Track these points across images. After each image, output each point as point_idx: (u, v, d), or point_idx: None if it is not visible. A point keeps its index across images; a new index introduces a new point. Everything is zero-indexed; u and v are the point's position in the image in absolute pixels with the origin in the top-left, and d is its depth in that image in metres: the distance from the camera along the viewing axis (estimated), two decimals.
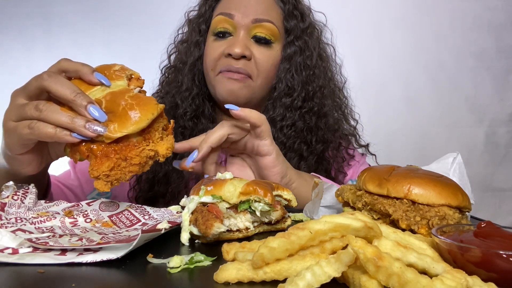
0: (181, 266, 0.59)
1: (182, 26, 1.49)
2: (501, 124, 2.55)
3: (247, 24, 1.26)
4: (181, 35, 1.48)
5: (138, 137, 0.77)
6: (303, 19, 1.36)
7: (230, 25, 1.27)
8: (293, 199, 0.85)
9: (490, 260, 0.50)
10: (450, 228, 0.62)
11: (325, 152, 1.36)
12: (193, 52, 1.36)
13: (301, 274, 0.48)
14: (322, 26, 1.45)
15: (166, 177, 1.31)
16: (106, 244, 0.64)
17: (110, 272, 0.59)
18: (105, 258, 0.61)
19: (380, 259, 0.46)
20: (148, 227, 0.77)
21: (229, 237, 0.74)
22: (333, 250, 0.55)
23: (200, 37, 1.37)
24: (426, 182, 0.70)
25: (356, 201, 0.76)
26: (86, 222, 0.83)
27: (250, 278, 0.53)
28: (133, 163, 0.76)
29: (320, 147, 1.33)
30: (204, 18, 1.37)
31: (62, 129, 0.73)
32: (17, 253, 0.63)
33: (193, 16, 1.44)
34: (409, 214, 0.68)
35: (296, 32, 1.33)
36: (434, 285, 0.45)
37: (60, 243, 0.67)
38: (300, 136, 1.31)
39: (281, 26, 1.32)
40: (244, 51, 1.23)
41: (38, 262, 0.60)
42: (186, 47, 1.40)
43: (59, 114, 0.73)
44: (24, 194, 0.84)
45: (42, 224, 0.79)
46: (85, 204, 0.89)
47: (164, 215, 0.87)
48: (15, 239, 0.65)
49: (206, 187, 0.76)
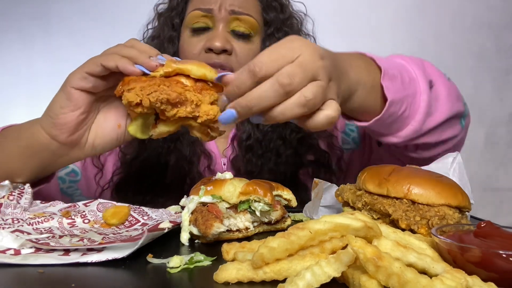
0: (181, 266, 0.59)
1: (152, 21, 1.39)
2: (501, 124, 2.55)
3: (225, 16, 1.21)
4: (151, 31, 1.38)
5: (191, 83, 0.73)
6: (283, 10, 1.32)
7: (208, 19, 1.22)
8: (293, 199, 0.85)
9: (490, 260, 0.50)
10: (450, 228, 0.62)
11: (304, 141, 1.29)
12: (167, 49, 1.28)
13: (301, 274, 0.48)
14: (302, 16, 1.40)
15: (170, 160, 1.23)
16: (110, 243, 0.64)
17: (110, 272, 0.59)
18: (110, 257, 0.61)
19: (380, 259, 0.46)
20: (149, 227, 0.77)
21: (229, 237, 0.74)
22: (333, 250, 0.55)
23: (174, 32, 1.30)
24: (426, 182, 0.70)
25: (356, 201, 0.76)
26: (84, 223, 0.83)
27: (250, 278, 0.53)
28: (173, 90, 0.69)
29: (295, 136, 1.26)
30: (177, 11, 1.30)
31: (127, 60, 0.75)
32: (20, 254, 0.62)
33: (164, 10, 1.36)
34: (409, 214, 0.68)
35: (276, 24, 1.29)
36: (434, 285, 0.45)
37: (61, 243, 0.66)
38: (277, 131, 1.26)
39: (260, 18, 1.28)
40: (225, 45, 1.19)
41: (42, 262, 0.60)
42: (158, 44, 1.30)
43: (128, 48, 0.76)
44: (20, 194, 0.83)
45: (40, 225, 0.79)
46: (81, 205, 0.89)
47: (163, 215, 0.87)
48: (16, 240, 0.65)
49: (206, 187, 0.76)
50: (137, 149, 1.25)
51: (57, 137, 0.83)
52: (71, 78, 0.80)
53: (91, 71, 0.79)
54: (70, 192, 1.26)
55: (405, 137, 0.96)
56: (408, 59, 0.99)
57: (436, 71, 1.02)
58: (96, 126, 0.86)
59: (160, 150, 1.25)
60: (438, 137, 1.01)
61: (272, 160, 1.25)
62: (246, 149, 1.25)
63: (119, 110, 0.87)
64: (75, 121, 0.82)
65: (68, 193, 1.25)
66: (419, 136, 0.97)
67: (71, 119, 0.81)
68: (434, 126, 0.97)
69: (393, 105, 0.88)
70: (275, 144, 1.26)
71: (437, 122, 0.97)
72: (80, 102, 0.81)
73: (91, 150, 0.88)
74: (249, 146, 1.25)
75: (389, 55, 1.01)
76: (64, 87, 0.81)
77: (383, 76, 0.87)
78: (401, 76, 0.92)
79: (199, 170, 1.26)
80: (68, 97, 0.80)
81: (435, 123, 0.97)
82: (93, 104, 0.84)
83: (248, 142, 1.25)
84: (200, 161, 1.27)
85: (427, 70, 0.99)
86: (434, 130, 0.98)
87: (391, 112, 0.89)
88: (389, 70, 0.89)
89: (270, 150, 1.26)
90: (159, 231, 0.70)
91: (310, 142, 1.29)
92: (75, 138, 0.84)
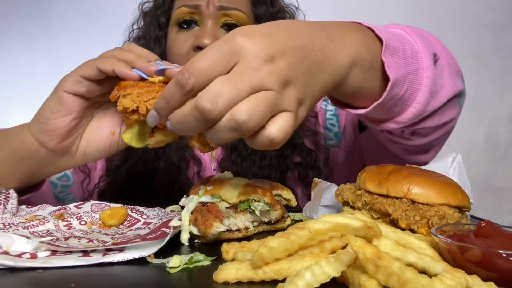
0: (180, 266, 0.59)
1: (137, 21, 1.34)
2: (501, 123, 2.55)
3: (213, 12, 1.16)
4: (136, 31, 1.33)
5: None
6: (273, 4, 1.28)
7: (196, 15, 1.17)
8: (292, 199, 0.85)
9: (490, 259, 0.50)
10: (449, 227, 0.62)
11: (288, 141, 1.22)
12: (153, 49, 1.23)
13: (301, 274, 0.48)
14: (294, 10, 1.36)
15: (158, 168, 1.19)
16: (134, 242, 0.63)
17: (109, 272, 0.58)
18: (137, 255, 0.61)
19: (379, 258, 0.46)
20: (156, 226, 0.75)
21: (229, 237, 0.74)
22: (332, 250, 0.55)
23: (160, 31, 1.25)
24: (425, 181, 0.70)
25: (355, 201, 0.76)
26: (81, 225, 0.81)
27: (250, 278, 0.53)
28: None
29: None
30: (163, 9, 1.25)
31: (124, 64, 0.72)
32: (36, 258, 0.61)
33: (149, 8, 1.31)
34: (408, 213, 0.68)
35: (266, 18, 1.24)
36: (434, 284, 0.45)
37: (72, 245, 0.64)
38: None
39: (250, 13, 1.24)
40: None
41: (66, 264, 0.59)
42: (144, 44, 1.25)
43: (126, 52, 0.73)
44: (6, 199, 0.80)
45: (35, 229, 0.76)
46: (73, 207, 0.86)
47: (160, 213, 0.86)
48: (29, 243, 0.63)
49: (206, 187, 0.76)
50: (123, 155, 1.21)
51: (46, 143, 0.79)
52: (64, 81, 0.77)
53: (86, 75, 0.75)
54: (62, 197, 1.22)
55: (406, 122, 0.80)
56: (408, 29, 0.83)
57: (439, 42, 0.87)
58: (89, 133, 0.83)
59: (147, 156, 1.20)
60: (438, 121, 0.86)
61: (256, 163, 1.20)
62: (232, 148, 1.22)
63: (114, 117, 0.84)
64: (66, 127, 0.78)
65: (60, 198, 1.22)
66: (420, 120, 0.82)
67: (61, 125, 0.78)
68: (437, 108, 0.82)
69: (396, 85, 0.73)
70: None
71: (441, 103, 0.82)
72: (72, 108, 0.77)
73: (82, 158, 0.84)
74: (234, 145, 1.21)
75: (385, 25, 0.85)
76: (56, 91, 0.77)
77: (384, 50, 0.70)
78: (403, 49, 0.75)
79: (187, 176, 1.22)
80: (60, 102, 0.76)
81: (439, 103, 0.81)
82: (87, 110, 0.81)
83: (233, 142, 1.20)
84: (189, 167, 1.23)
85: (431, 42, 0.83)
86: (436, 112, 0.83)
87: (393, 94, 0.74)
88: (391, 42, 0.72)
89: (255, 152, 1.20)
90: (176, 229, 0.70)
91: (295, 142, 1.23)
92: (65, 145, 0.80)
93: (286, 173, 1.23)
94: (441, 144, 1.02)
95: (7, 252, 0.62)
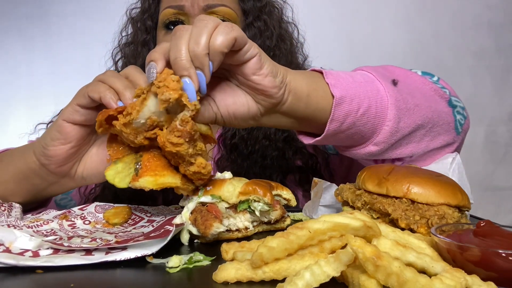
0: (180, 266, 0.59)
1: (125, 27, 1.35)
2: (500, 123, 2.55)
3: (199, 12, 1.15)
4: (125, 37, 1.35)
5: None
6: None
7: (181, 16, 1.17)
8: (292, 199, 0.85)
9: (489, 259, 0.50)
10: (449, 227, 0.62)
11: (290, 142, 1.23)
12: (141, 53, 1.24)
13: (300, 274, 0.48)
14: (281, 4, 1.36)
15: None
16: (136, 241, 0.63)
17: (109, 272, 0.59)
18: (139, 254, 0.61)
19: (379, 258, 0.46)
20: (160, 224, 0.76)
21: (228, 237, 0.74)
22: (332, 250, 0.55)
23: (147, 35, 1.26)
24: (425, 181, 0.70)
25: (355, 200, 0.76)
26: (85, 224, 0.82)
27: (249, 277, 0.53)
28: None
29: (280, 136, 1.21)
30: (149, 13, 1.26)
31: (112, 93, 0.73)
32: (39, 256, 0.60)
33: (136, 14, 1.32)
34: (408, 213, 0.68)
35: (254, 13, 1.25)
36: (433, 284, 0.45)
37: (75, 244, 0.64)
38: (262, 129, 1.20)
39: (238, 8, 1.23)
40: None
41: (68, 263, 0.59)
42: (133, 49, 1.27)
43: (117, 78, 0.74)
44: (10, 207, 0.83)
45: (39, 228, 0.77)
46: (77, 210, 0.88)
47: (164, 211, 0.87)
48: (32, 240, 0.63)
49: (205, 187, 0.76)
50: None
51: (46, 166, 0.82)
52: (64, 111, 0.79)
53: (80, 103, 0.77)
54: (63, 203, 1.24)
55: (384, 141, 0.84)
56: (369, 69, 0.91)
57: (401, 69, 0.96)
58: (86, 158, 0.85)
59: None
60: (425, 147, 0.91)
61: (258, 163, 1.20)
62: (231, 148, 1.21)
63: None
64: (64, 155, 0.80)
65: (62, 205, 1.24)
66: (399, 139, 0.86)
67: (60, 152, 0.80)
68: (415, 126, 0.87)
69: (345, 102, 0.79)
70: (260, 145, 1.21)
71: (416, 123, 0.87)
72: (71, 137, 0.79)
73: (81, 180, 0.86)
74: (234, 144, 1.21)
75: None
76: (57, 120, 0.80)
77: (326, 75, 0.80)
78: (352, 76, 0.84)
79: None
80: (59, 130, 0.79)
81: (414, 123, 0.86)
82: (87, 136, 0.82)
83: (233, 141, 1.21)
84: None
85: (391, 71, 0.93)
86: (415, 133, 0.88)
87: (346, 111, 0.80)
88: (332, 72, 0.83)
89: (256, 151, 1.21)
90: (179, 227, 0.70)
91: (296, 145, 1.23)
92: (64, 169, 0.83)
93: (287, 175, 1.24)
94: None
95: (9, 249, 0.62)
